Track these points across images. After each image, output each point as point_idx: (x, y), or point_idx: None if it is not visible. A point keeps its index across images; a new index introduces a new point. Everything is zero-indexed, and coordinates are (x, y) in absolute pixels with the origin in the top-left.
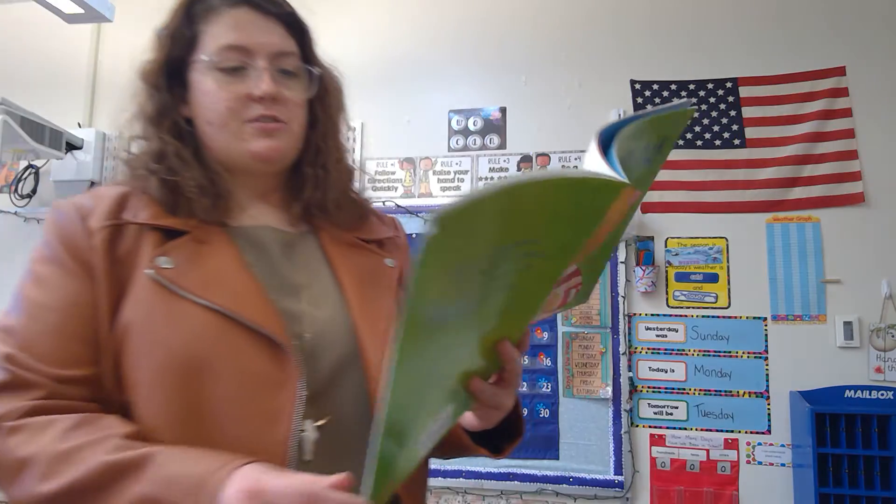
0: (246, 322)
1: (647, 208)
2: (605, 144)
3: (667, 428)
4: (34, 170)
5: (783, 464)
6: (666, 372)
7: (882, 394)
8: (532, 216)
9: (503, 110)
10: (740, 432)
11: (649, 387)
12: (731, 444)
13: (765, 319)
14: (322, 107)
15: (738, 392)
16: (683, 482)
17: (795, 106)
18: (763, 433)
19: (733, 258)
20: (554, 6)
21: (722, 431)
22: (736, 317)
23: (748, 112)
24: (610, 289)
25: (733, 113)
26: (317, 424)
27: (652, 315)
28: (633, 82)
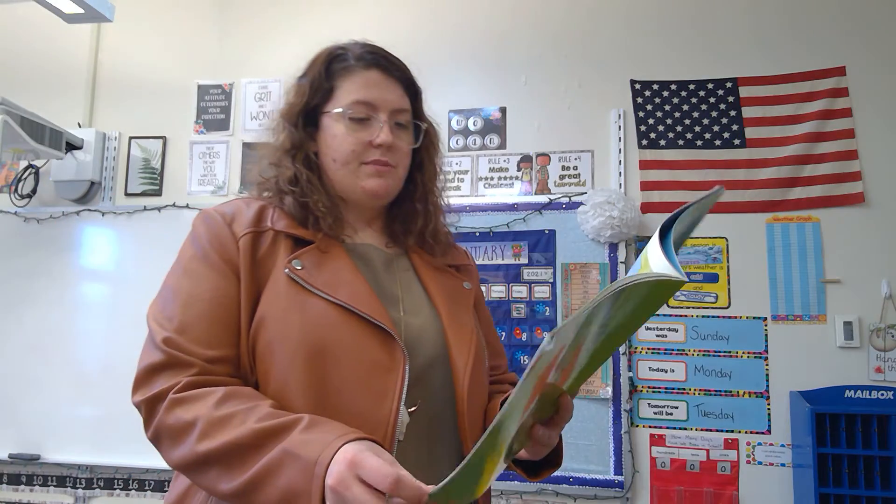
0: (363, 314)
1: (647, 208)
2: (662, 233)
3: (667, 428)
4: (34, 170)
5: (783, 464)
6: (666, 372)
7: (882, 394)
8: (623, 308)
9: (503, 110)
10: (740, 432)
11: (649, 387)
12: (731, 444)
13: (765, 319)
14: (426, 154)
15: (738, 392)
16: (683, 482)
17: (795, 106)
18: (763, 433)
19: (733, 258)
20: (554, 6)
21: (722, 431)
22: (736, 317)
23: (748, 112)
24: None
25: (733, 113)
26: (410, 410)
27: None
28: (633, 82)
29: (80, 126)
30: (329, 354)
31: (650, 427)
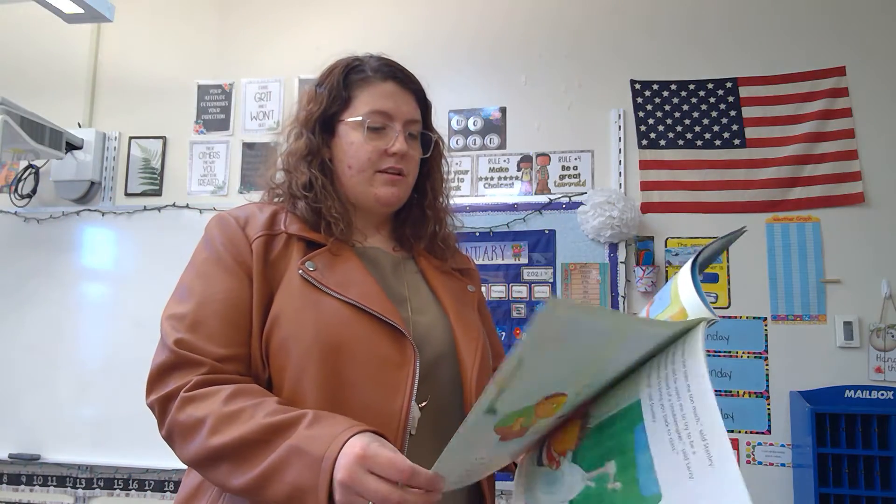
0: (375, 313)
1: (647, 208)
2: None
3: None
4: (34, 170)
5: (783, 464)
6: None
7: (882, 394)
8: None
9: (503, 110)
10: (740, 432)
11: None
12: (731, 444)
13: (765, 319)
14: (435, 163)
15: (738, 392)
16: None
17: (795, 106)
18: (763, 433)
19: (733, 258)
20: (554, 6)
21: None
22: (736, 317)
23: (748, 112)
24: (610, 289)
25: (733, 113)
26: (420, 405)
27: None
28: (633, 82)
29: (80, 126)
30: (342, 351)
31: None
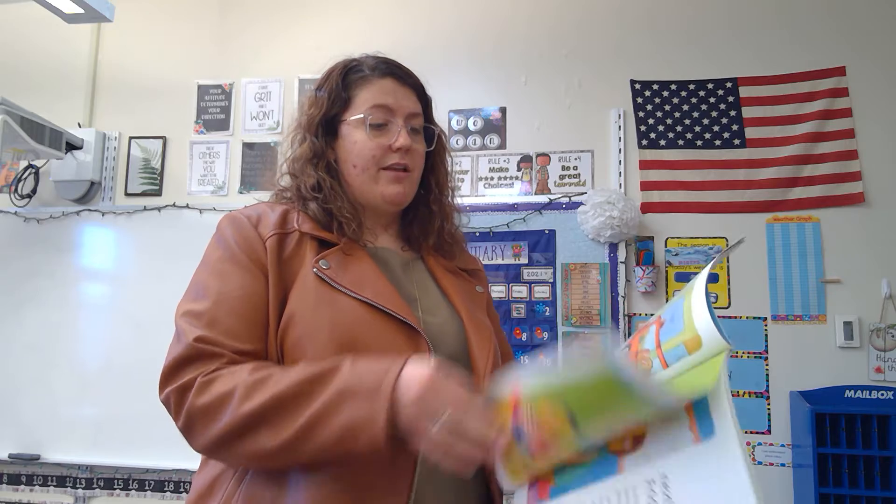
0: (389, 311)
1: (647, 208)
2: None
3: None
4: (34, 170)
5: (783, 464)
6: None
7: (882, 394)
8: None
9: (503, 110)
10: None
11: None
12: None
13: (765, 319)
14: (438, 157)
15: (738, 392)
16: None
17: (795, 106)
18: (763, 433)
19: (733, 258)
20: (554, 6)
21: None
22: (736, 317)
23: (748, 112)
24: (610, 289)
25: (733, 113)
26: None
27: (652, 315)
28: (633, 82)
29: (80, 126)
30: (358, 349)
31: None
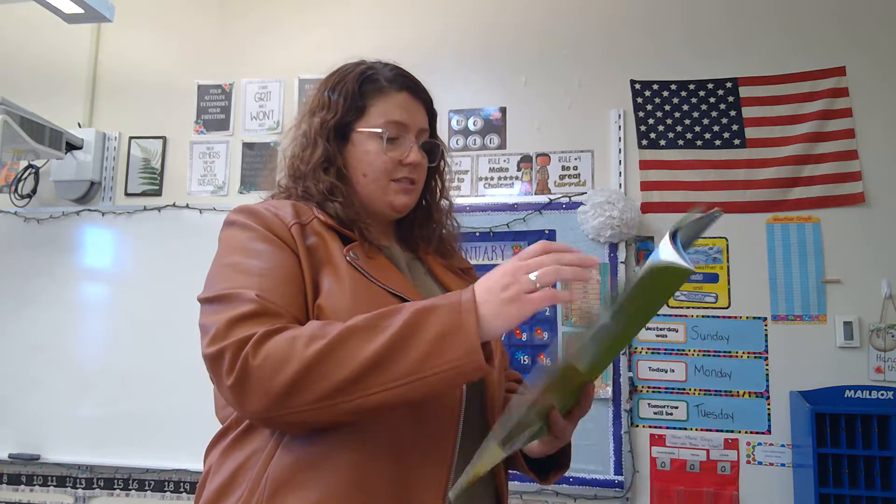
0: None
1: (647, 208)
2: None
3: (667, 428)
4: (34, 170)
5: (783, 464)
6: (666, 372)
7: (882, 394)
8: (651, 291)
9: (503, 110)
10: (740, 432)
11: (649, 387)
12: (731, 444)
13: (765, 319)
14: (439, 169)
15: (738, 392)
16: (683, 482)
17: (795, 106)
18: (763, 433)
19: (733, 258)
20: (554, 6)
21: (722, 431)
22: (736, 317)
23: (748, 112)
24: (610, 289)
25: (733, 113)
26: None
27: None
28: (633, 82)
29: (80, 126)
30: None
31: (650, 427)
